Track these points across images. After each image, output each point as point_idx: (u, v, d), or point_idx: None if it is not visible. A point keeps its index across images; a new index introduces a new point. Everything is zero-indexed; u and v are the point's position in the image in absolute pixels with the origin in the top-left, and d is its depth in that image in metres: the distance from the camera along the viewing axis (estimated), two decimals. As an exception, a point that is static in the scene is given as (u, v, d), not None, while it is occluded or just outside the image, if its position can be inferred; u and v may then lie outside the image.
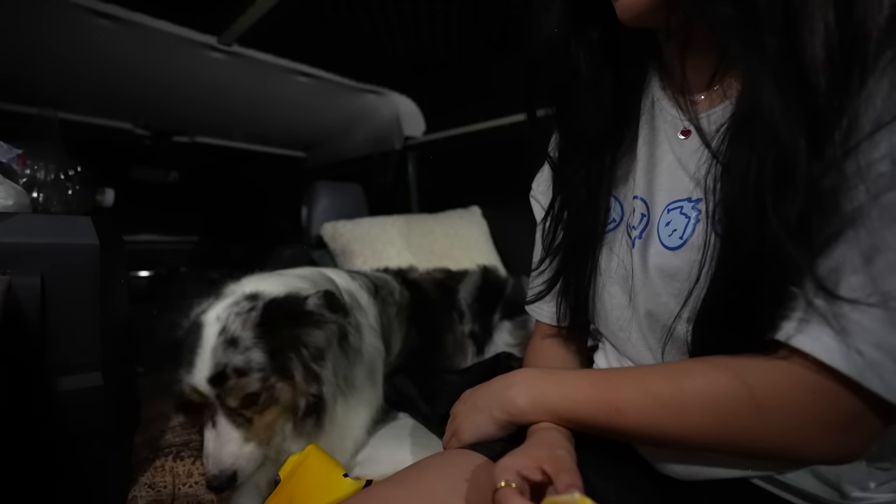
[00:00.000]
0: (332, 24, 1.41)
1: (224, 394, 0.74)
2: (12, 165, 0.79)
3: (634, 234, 0.55)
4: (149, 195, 2.35)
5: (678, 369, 0.45)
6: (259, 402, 0.75)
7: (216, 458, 0.73)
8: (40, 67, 1.57)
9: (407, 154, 2.22)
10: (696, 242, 0.47)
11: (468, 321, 1.24)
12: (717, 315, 0.43)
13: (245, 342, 0.75)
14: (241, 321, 0.77)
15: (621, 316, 0.57)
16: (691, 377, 0.43)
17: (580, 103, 0.55)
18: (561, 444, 0.46)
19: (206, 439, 0.74)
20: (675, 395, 0.43)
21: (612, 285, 0.58)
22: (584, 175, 0.58)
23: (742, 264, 0.40)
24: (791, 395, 0.38)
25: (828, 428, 0.38)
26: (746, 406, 0.40)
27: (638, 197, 0.55)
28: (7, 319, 0.58)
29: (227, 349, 0.74)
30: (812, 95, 0.36)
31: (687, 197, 0.50)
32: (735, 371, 0.41)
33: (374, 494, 0.48)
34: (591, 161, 0.57)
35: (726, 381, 0.41)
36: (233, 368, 0.73)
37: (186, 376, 0.74)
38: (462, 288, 1.29)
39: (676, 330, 0.50)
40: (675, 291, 0.49)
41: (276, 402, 0.77)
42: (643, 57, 0.57)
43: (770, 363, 0.40)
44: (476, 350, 1.22)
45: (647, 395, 0.44)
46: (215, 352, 0.74)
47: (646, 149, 0.56)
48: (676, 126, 0.52)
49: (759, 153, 0.38)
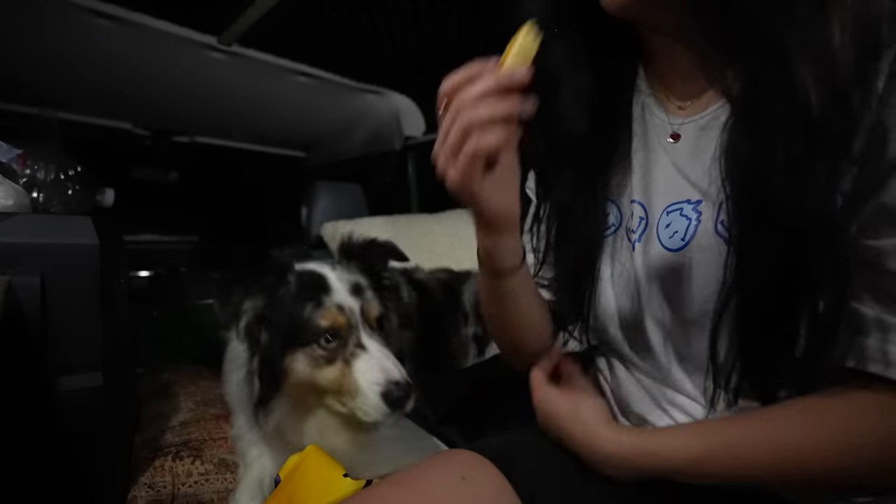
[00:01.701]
0: (332, 24, 1.41)
1: (366, 305, 0.78)
2: (12, 165, 0.79)
3: (634, 237, 0.55)
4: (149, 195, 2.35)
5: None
6: (385, 328, 0.81)
7: (389, 368, 0.72)
8: (40, 67, 1.57)
9: (407, 154, 2.22)
10: (699, 243, 0.47)
11: (472, 323, 1.24)
12: (743, 321, 0.43)
13: (353, 270, 0.84)
14: (333, 262, 0.85)
15: (626, 318, 0.57)
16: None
17: (561, 105, 0.54)
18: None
19: (361, 362, 0.73)
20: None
21: (614, 288, 0.58)
22: (569, 179, 0.57)
23: (769, 259, 0.40)
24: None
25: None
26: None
27: (635, 201, 0.55)
28: (7, 319, 0.58)
29: (349, 274, 0.82)
30: (837, 68, 0.36)
31: (686, 199, 0.50)
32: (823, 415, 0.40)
33: (374, 494, 0.48)
34: (577, 165, 0.56)
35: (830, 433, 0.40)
36: (365, 285, 0.81)
37: (327, 298, 0.76)
38: (466, 289, 1.29)
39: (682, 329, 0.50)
40: (679, 292, 0.49)
41: (391, 330, 0.83)
42: (626, 59, 0.56)
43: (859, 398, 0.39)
44: (478, 352, 1.22)
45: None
46: (342, 276, 0.81)
47: (640, 153, 0.56)
48: (666, 130, 0.53)
49: (787, 133, 0.38)
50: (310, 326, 0.74)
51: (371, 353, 0.74)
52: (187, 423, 0.93)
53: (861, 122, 0.36)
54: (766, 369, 0.43)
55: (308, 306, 0.75)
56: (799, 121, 0.37)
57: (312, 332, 0.74)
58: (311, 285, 0.78)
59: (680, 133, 0.51)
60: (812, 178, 0.37)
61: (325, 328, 0.74)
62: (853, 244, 0.38)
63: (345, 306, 0.76)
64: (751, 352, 0.43)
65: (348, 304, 0.76)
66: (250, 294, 0.76)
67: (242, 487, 0.81)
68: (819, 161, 0.37)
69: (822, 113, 0.36)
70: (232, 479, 0.84)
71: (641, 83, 0.57)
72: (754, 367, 0.43)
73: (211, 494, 0.81)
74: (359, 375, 0.72)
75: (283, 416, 0.77)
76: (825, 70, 0.36)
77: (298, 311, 0.75)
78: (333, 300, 0.76)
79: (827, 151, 0.37)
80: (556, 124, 0.55)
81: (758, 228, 0.41)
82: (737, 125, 0.42)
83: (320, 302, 0.76)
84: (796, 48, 0.37)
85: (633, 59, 0.57)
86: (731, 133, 0.42)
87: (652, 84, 0.56)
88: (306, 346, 0.74)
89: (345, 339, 0.75)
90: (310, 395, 0.77)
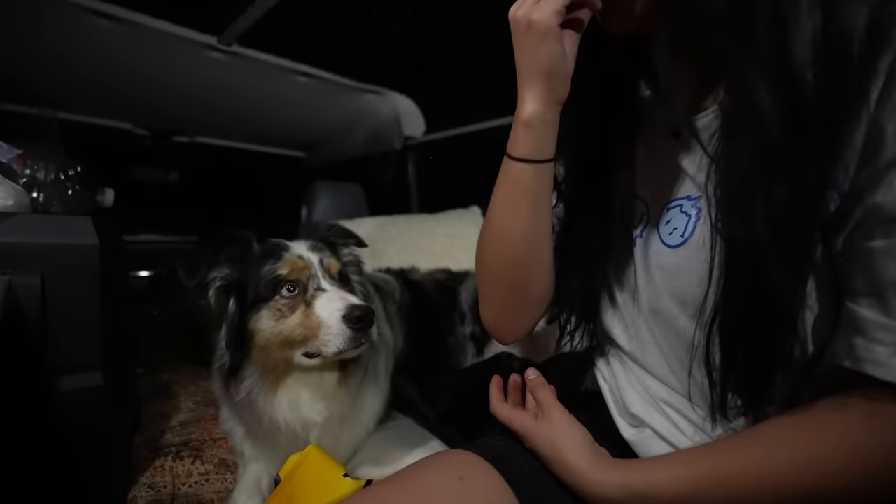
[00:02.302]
0: (332, 24, 1.41)
1: (325, 259, 0.82)
2: (12, 165, 0.79)
3: (635, 232, 0.55)
4: (149, 195, 2.35)
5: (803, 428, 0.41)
6: (346, 282, 0.85)
7: (346, 298, 0.76)
8: (40, 67, 1.57)
9: (407, 154, 2.22)
10: (697, 240, 0.48)
11: (469, 322, 1.24)
12: (736, 320, 0.43)
13: (323, 247, 0.87)
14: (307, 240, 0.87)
15: (626, 314, 0.57)
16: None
17: (568, 103, 0.54)
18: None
19: (321, 301, 0.76)
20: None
21: (615, 284, 0.58)
22: (574, 175, 0.58)
23: (749, 261, 0.40)
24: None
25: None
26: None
27: (637, 196, 0.56)
28: (7, 319, 0.58)
29: (312, 243, 0.86)
30: (799, 89, 0.38)
31: (686, 195, 0.50)
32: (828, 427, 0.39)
33: (373, 494, 0.48)
34: (582, 162, 0.57)
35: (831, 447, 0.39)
36: (324, 245, 0.86)
37: (286, 252, 0.81)
38: (463, 289, 1.29)
39: (681, 327, 0.50)
40: (677, 289, 0.50)
41: (350, 285, 0.87)
42: (630, 60, 0.57)
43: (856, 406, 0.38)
44: (476, 351, 1.22)
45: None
46: (303, 243, 0.84)
47: (642, 150, 0.56)
48: (669, 126, 0.53)
49: (750, 145, 0.39)
50: (271, 279, 0.78)
51: (330, 292, 0.78)
52: (187, 423, 0.93)
53: (844, 136, 0.37)
54: (756, 371, 0.43)
55: (269, 263, 0.79)
56: (759, 144, 0.39)
57: (274, 284, 0.78)
58: (273, 249, 0.83)
59: (682, 130, 0.52)
60: (771, 204, 0.38)
61: (284, 276, 0.78)
62: (847, 245, 0.38)
63: (304, 256, 0.81)
64: (740, 352, 0.43)
65: (307, 255, 0.81)
66: (217, 264, 0.80)
67: (241, 487, 0.81)
68: (778, 186, 0.38)
69: (781, 129, 0.37)
70: (232, 479, 0.84)
71: (642, 82, 0.58)
72: (745, 369, 0.43)
73: (211, 494, 0.81)
74: (320, 310, 0.75)
75: (253, 384, 0.78)
76: (784, 93, 0.38)
77: (260, 269, 0.79)
78: (293, 252, 0.81)
79: (787, 177, 0.38)
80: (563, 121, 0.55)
81: (738, 233, 0.41)
82: (721, 130, 0.44)
83: (280, 256, 0.80)
84: (754, 68, 0.39)
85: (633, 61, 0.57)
86: (719, 136, 0.44)
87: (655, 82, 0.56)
88: (269, 300, 0.78)
89: (305, 286, 0.79)
90: (277, 355, 0.77)
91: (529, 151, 0.52)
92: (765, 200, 0.38)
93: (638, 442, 0.55)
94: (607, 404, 0.61)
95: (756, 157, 0.39)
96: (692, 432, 0.50)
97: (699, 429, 0.50)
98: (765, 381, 0.43)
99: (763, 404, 0.44)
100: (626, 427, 0.57)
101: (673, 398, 0.52)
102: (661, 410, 0.53)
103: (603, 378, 0.63)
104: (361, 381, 0.86)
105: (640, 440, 0.54)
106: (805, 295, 0.39)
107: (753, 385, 0.43)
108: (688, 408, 0.51)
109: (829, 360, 0.39)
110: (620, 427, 0.58)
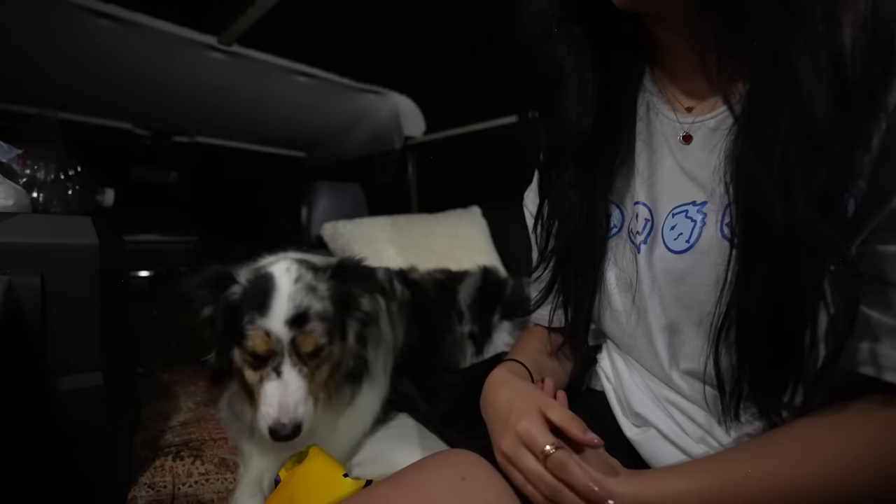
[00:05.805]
0: (332, 24, 1.41)
1: (300, 338, 0.75)
2: (12, 165, 0.79)
3: (639, 239, 0.54)
4: (149, 195, 2.35)
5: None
6: (321, 356, 0.77)
7: (285, 405, 0.72)
8: (40, 67, 1.57)
9: (407, 154, 2.22)
10: (704, 246, 0.47)
11: (467, 322, 1.24)
12: (751, 326, 0.41)
13: (321, 292, 0.78)
14: (313, 273, 0.80)
15: (626, 321, 0.56)
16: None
17: (565, 103, 0.53)
18: (533, 391, 0.50)
19: (269, 388, 0.74)
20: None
21: (616, 291, 0.57)
22: (571, 180, 0.56)
23: (768, 263, 0.39)
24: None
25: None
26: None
27: (640, 202, 0.55)
28: (7, 319, 0.58)
29: (307, 294, 0.76)
30: (846, 76, 0.35)
31: (692, 200, 0.49)
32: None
33: (373, 494, 0.48)
34: (579, 165, 0.55)
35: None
36: (313, 313, 0.76)
37: (259, 319, 0.74)
38: (462, 289, 1.29)
39: (685, 334, 0.49)
40: (683, 294, 0.49)
41: (329, 359, 0.79)
42: (632, 56, 0.56)
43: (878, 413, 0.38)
44: (475, 350, 1.22)
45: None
46: (295, 295, 0.76)
47: (644, 154, 0.55)
48: (676, 130, 0.52)
49: (785, 139, 0.37)
50: (243, 334, 0.76)
51: (282, 381, 0.74)
52: (187, 423, 0.93)
53: (866, 133, 0.35)
54: (770, 377, 0.42)
55: (246, 317, 0.76)
56: (801, 129, 0.36)
57: (245, 343, 0.76)
58: (258, 294, 0.77)
59: (691, 134, 0.50)
60: (808, 189, 0.36)
61: (249, 349, 0.76)
62: (863, 249, 0.37)
63: (272, 333, 0.74)
64: (755, 357, 0.42)
65: (276, 333, 0.74)
66: (206, 303, 0.81)
67: (242, 487, 0.81)
68: (818, 172, 0.36)
69: (826, 122, 0.35)
70: (232, 479, 0.84)
71: (647, 82, 0.56)
72: (758, 375, 0.42)
73: (211, 494, 0.81)
74: (262, 398, 0.74)
75: (232, 396, 0.83)
76: (832, 78, 0.35)
77: (242, 315, 0.77)
78: (263, 325, 0.74)
79: (828, 162, 0.36)
80: (560, 122, 0.54)
81: (756, 235, 0.40)
82: (741, 129, 0.41)
83: (252, 321, 0.75)
84: (803, 55, 0.36)
85: (639, 56, 0.56)
86: (735, 136, 0.42)
87: (659, 83, 0.55)
88: (242, 346, 0.77)
89: (265, 362, 0.76)
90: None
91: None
92: (797, 195, 0.36)
93: (642, 442, 0.54)
94: (610, 403, 0.60)
95: (797, 143, 0.36)
96: (698, 434, 0.50)
97: (705, 430, 0.50)
98: (779, 387, 0.41)
99: (777, 409, 0.43)
100: (630, 427, 0.56)
101: (677, 399, 0.52)
102: (665, 411, 0.53)
103: (606, 377, 0.62)
104: (357, 387, 0.86)
105: (644, 440, 0.54)
106: (824, 299, 0.38)
107: (767, 391, 0.42)
108: (693, 409, 0.51)
109: (845, 366, 0.39)
110: (624, 427, 0.57)
